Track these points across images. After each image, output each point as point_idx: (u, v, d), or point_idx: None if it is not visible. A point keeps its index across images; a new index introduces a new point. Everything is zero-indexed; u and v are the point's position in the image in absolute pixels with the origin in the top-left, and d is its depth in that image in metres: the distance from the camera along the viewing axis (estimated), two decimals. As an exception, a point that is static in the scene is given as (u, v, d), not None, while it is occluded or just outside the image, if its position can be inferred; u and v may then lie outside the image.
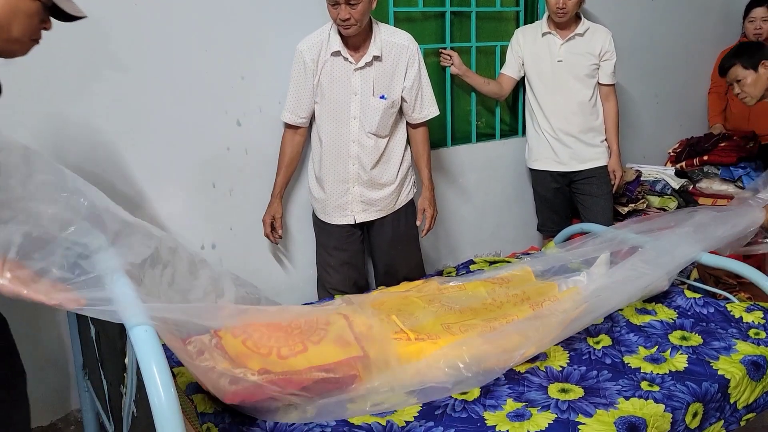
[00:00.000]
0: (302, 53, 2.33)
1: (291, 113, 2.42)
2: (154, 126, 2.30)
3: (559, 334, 1.84)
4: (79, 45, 2.10)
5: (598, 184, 3.06)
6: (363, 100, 2.35)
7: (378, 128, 2.38)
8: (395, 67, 2.37)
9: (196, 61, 2.34)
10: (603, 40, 2.97)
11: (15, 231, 1.20)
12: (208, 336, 1.68)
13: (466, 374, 1.61)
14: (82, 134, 2.17)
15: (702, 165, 3.68)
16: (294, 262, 2.71)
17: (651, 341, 2.01)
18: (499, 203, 3.32)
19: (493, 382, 1.69)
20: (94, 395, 1.89)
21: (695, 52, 4.03)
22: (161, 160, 2.34)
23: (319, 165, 2.43)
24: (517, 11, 3.23)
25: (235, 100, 2.45)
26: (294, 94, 2.39)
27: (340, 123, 2.37)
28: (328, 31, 2.33)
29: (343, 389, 1.56)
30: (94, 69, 2.16)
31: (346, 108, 2.36)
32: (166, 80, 2.30)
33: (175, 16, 2.27)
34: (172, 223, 2.39)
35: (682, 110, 4.08)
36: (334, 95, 2.35)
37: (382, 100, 2.36)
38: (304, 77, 2.36)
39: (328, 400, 1.54)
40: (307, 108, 2.40)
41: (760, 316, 2.09)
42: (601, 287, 1.98)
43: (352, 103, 2.35)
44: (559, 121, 3.00)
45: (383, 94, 2.36)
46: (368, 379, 1.59)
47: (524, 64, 3.03)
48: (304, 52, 2.33)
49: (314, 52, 2.32)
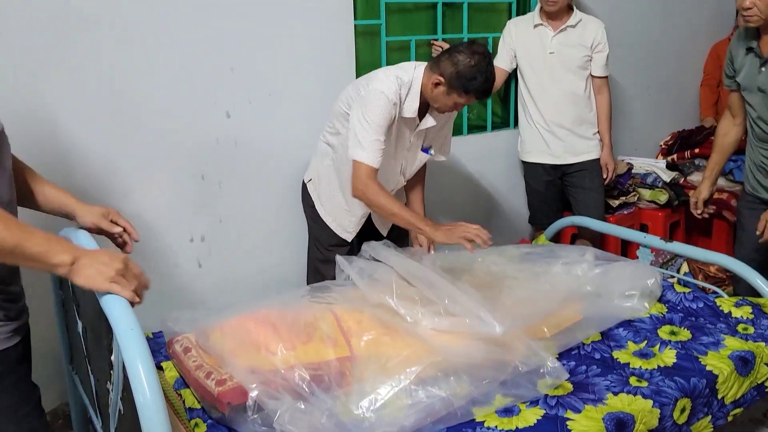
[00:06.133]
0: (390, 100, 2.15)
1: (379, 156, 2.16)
2: (143, 117, 2.27)
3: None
4: (66, 35, 2.07)
5: (590, 177, 3.06)
6: (412, 154, 2.36)
7: (412, 174, 2.43)
8: (442, 126, 2.38)
9: (186, 53, 2.31)
10: (595, 31, 2.95)
11: None
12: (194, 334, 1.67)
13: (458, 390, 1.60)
14: (69, 125, 2.15)
15: (693, 158, 3.69)
16: (283, 254, 2.69)
17: (640, 336, 2.02)
18: (490, 195, 3.31)
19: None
20: (81, 390, 1.88)
21: (688, 44, 4.02)
22: (149, 151, 2.31)
23: (346, 196, 2.34)
24: (509, 3, 3.22)
25: (224, 91, 2.42)
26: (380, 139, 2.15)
27: (386, 170, 2.29)
28: (407, 90, 2.19)
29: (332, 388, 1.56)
30: (81, 59, 2.13)
31: (397, 161, 2.34)
32: (155, 71, 2.27)
33: (164, 7, 2.24)
34: (161, 215, 2.37)
35: (674, 102, 4.08)
36: (391, 149, 2.26)
37: (426, 154, 2.38)
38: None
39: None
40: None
41: (748, 311, 2.10)
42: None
43: (403, 158, 2.34)
44: (552, 113, 2.99)
45: (427, 148, 2.38)
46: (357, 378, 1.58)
47: (516, 56, 3.01)
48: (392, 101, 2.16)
49: (395, 111, 2.19)
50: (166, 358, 1.87)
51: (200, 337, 1.73)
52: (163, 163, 2.35)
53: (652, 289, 2.20)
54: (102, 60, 2.17)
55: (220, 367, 1.59)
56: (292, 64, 2.54)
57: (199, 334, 1.74)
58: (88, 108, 2.17)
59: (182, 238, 2.45)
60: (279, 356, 1.61)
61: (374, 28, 2.79)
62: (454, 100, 2.15)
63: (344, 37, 2.65)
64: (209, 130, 2.43)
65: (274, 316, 1.76)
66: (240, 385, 1.51)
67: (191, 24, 2.30)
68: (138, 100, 2.25)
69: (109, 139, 2.23)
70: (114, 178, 2.26)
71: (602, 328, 2.03)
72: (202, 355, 1.66)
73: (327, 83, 2.58)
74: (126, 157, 2.27)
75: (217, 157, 2.46)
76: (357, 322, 1.79)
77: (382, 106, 2.12)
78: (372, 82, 2.18)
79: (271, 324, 1.72)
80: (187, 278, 2.47)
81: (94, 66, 2.16)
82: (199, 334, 1.74)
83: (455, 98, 2.14)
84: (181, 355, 1.71)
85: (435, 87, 2.14)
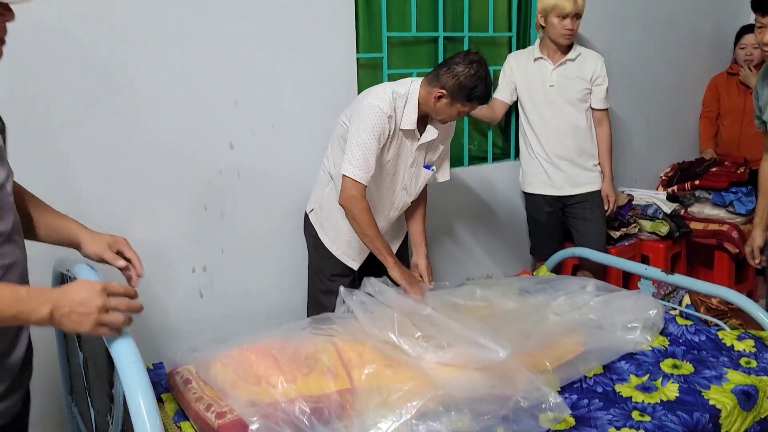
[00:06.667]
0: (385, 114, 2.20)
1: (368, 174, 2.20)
2: (147, 147, 2.30)
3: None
4: (73, 67, 2.11)
5: (591, 209, 3.07)
6: (415, 171, 2.39)
7: (416, 194, 2.45)
8: (443, 140, 2.43)
9: (191, 85, 2.35)
10: (595, 65, 2.99)
11: None
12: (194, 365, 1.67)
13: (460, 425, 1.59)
14: (73, 154, 2.17)
15: (693, 189, 3.71)
16: (285, 284, 2.69)
17: (642, 369, 2.01)
18: (492, 226, 3.32)
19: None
20: (81, 422, 1.87)
21: (687, 77, 4.07)
22: (153, 181, 2.33)
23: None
24: (509, 36, 3.26)
25: (228, 123, 2.45)
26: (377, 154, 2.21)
27: (389, 187, 2.37)
28: (403, 105, 2.25)
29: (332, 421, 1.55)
30: (87, 90, 2.16)
31: (400, 177, 2.37)
32: (160, 102, 2.30)
33: (170, 40, 2.28)
34: (163, 244, 2.38)
35: (674, 135, 4.10)
36: (392, 166, 2.32)
37: (429, 170, 2.42)
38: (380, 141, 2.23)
39: None
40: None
41: (751, 345, 2.09)
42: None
43: (406, 174, 2.37)
44: (553, 144, 3.02)
45: (429, 165, 2.42)
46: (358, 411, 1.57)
47: (517, 88, 3.05)
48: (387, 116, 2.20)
49: (392, 123, 2.24)
50: (165, 390, 1.86)
51: (201, 368, 1.72)
52: (165, 192, 2.37)
53: (654, 321, 2.20)
54: (109, 91, 2.20)
55: (221, 400, 1.58)
56: (295, 97, 2.57)
57: (199, 365, 1.73)
58: (93, 136, 2.19)
59: (184, 268, 2.45)
60: (279, 388, 1.60)
61: (376, 61, 2.83)
62: (458, 110, 2.24)
63: (347, 70, 2.69)
64: (213, 160, 2.45)
65: (275, 347, 1.76)
66: (240, 418, 1.50)
67: (196, 57, 2.34)
68: (143, 130, 2.28)
69: (112, 168, 2.25)
70: (116, 207, 2.27)
71: (604, 361, 2.02)
72: (202, 387, 1.65)
73: (329, 115, 2.60)
74: (129, 187, 2.29)
75: (220, 188, 2.48)
76: (358, 354, 1.78)
77: (376, 120, 2.17)
78: (367, 96, 2.24)
79: (272, 356, 1.71)
80: (188, 308, 2.47)
81: (101, 97, 2.19)
82: (199, 366, 1.73)
83: (459, 108, 2.23)
84: (181, 387, 1.70)
85: (438, 100, 2.21)
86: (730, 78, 3.94)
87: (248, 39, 2.43)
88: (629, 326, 2.15)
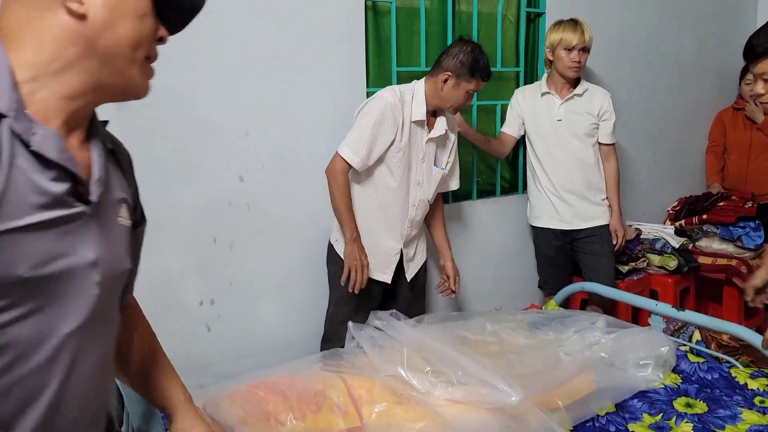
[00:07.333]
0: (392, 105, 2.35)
1: (365, 159, 2.34)
2: (156, 178, 2.30)
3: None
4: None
5: (600, 243, 3.07)
6: (427, 166, 2.47)
7: (432, 196, 2.55)
8: (450, 141, 2.55)
9: (202, 117, 2.36)
10: (602, 100, 3.02)
11: None
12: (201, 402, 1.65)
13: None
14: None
15: (701, 224, 3.70)
16: (294, 318, 2.68)
17: (655, 408, 1.98)
18: (500, 259, 3.31)
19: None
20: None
21: (693, 112, 4.09)
22: (162, 213, 2.33)
23: (374, 222, 2.46)
24: (517, 71, 3.29)
25: (238, 155, 2.46)
26: (373, 141, 2.34)
27: (404, 181, 2.45)
28: (410, 98, 2.40)
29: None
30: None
31: (413, 171, 2.46)
32: (170, 134, 2.31)
33: (181, 72, 2.30)
34: (171, 276, 2.38)
35: (680, 169, 4.12)
36: (405, 160, 2.41)
37: (440, 170, 2.52)
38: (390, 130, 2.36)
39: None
40: (373, 159, 2.38)
41: (764, 383, 2.06)
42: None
43: (419, 168, 2.46)
44: (561, 179, 3.03)
45: (439, 165, 2.53)
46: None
47: (524, 122, 3.07)
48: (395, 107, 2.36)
49: (398, 112, 2.37)
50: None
51: (209, 405, 1.70)
52: (174, 224, 2.37)
53: (666, 357, 2.17)
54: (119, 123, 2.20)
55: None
56: (306, 129, 2.59)
57: (207, 402, 1.71)
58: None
59: (192, 301, 2.44)
60: (288, 426, 1.58)
61: (386, 96, 2.85)
62: (465, 89, 2.37)
63: (357, 104, 2.71)
64: (222, 193, 2.45)
65: (284, 383, 1.74)
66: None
67: (208, 90, 2.36)
68: (152, 161, 2.28)
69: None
70: (127, 240, 2.27)
71: (617, 400, 1.99)
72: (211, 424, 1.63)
73: (339, 149, 2.62)
74: (139, 220, 2.29)
75: (230, 221, 2.48)
76: (368, 390, 1.76)
77: (376, 107, 2.33)
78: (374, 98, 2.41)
79: (281, 392, 1.70)
80: (195, 342, 2.45)
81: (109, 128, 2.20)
82: (207, 402, 1.71)
83: (465, 86, 2.36)
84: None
85: (444, 84, 2.35)
86: (736, 113, 3.96)
87: (259, 72, 2.45)
88: (641, 363, 2.13)
